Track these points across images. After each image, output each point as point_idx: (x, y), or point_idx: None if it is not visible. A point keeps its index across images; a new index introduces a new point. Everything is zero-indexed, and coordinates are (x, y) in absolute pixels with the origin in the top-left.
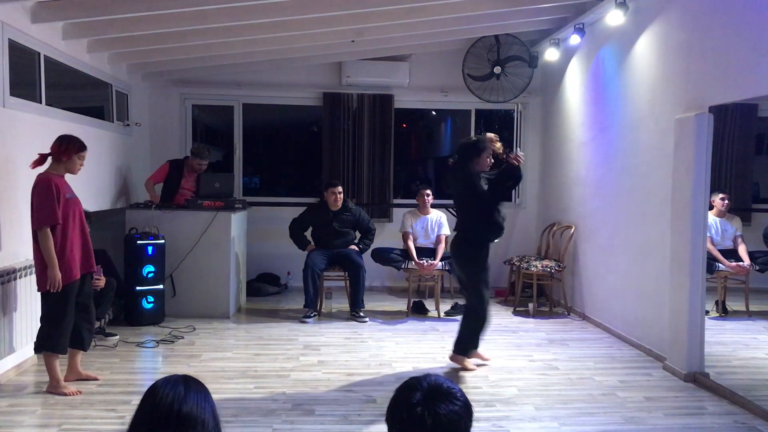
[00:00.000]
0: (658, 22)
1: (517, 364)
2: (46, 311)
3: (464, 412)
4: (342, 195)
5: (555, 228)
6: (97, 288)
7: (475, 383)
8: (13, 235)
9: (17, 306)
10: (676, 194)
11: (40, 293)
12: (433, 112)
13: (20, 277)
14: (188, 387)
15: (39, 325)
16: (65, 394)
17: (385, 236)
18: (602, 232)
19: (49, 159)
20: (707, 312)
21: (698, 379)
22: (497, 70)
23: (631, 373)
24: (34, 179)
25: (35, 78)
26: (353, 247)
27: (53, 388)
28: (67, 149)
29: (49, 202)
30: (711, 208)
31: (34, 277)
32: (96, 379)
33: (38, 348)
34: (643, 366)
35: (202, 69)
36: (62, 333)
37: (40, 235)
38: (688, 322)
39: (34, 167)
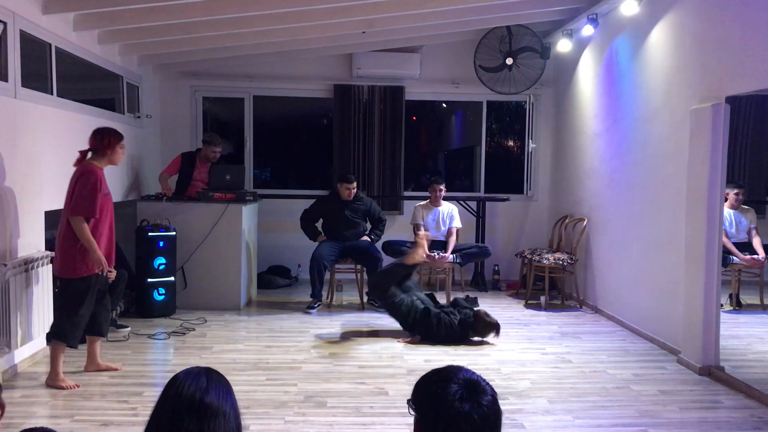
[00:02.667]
0: (674, 12)
1: (529, 357)
2: (62, 301)
3: (496, 404)
4: (354, 191)
5: (567, 220)
6: (108, 280)
7: (487, 376)
8: (27, 225)
9: (33, 296)
10: (691, 186)
11: (58, 281)
12: (444, 104)
13: (37, 267)
14: (210, 379)
15: (54, 315)
16: (62, 387)
17: (396, 228)
18: (615, 224)
19: (89, 153)
20: (721, 305)
21: (713, 372)
22: (509, 61)
23: (645, 367)
24: (79, 168)
25: (47, 69)
26: (365, 238)
27: (51, 380)
28: (110, 141)
29: (93, 195)
30: (725, 200)
31: (49, 267)
32: (116, 369)
33: (50, 337)
34: (657, 359)
35: (213, 61)
36: (76, 325)
37: (75, 222)
38: (703, 315)
39: (77, 165)
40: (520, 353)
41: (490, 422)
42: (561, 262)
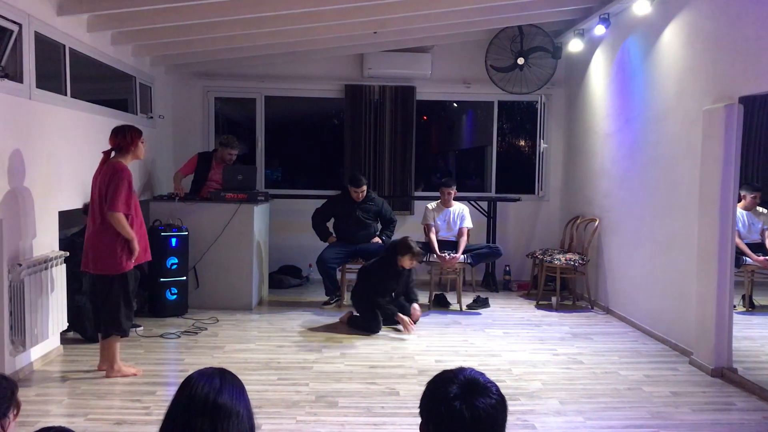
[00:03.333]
0: (687, 12)
1: (541, 358)
2: (110, 297)
3: (500, 406)
4: (364, 194)
5: (579, 221)
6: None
7: (498, 376)
8: (41, 225)
9: (47, 295)
10: (704, 187)
11: (99, 279)
12: (455, 104)
13: (51, 266)
14: (224, 379)
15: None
16: (127, 375)
17: (407, 229)
18: (627, 225)
19: (112, 153)
20: (734, 306)
21: (726, 374)
22: (520, 61)
23: (657, 368)
24: (109, 166)
25: (61, 70)
26: (376, 239)
27: (116, 372)
28: (133, 138)
29: (127, 192)
30: (739, 201)
31: (63, 267)
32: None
33: (107, 333)
34: (669, 360)
35: (225, 61)
36: (128, 316)
37: (115, 218)
38: (716, 316)
39: (103, 165)
40: (532, 354)
41: (482, 424)
42: (572, 263)
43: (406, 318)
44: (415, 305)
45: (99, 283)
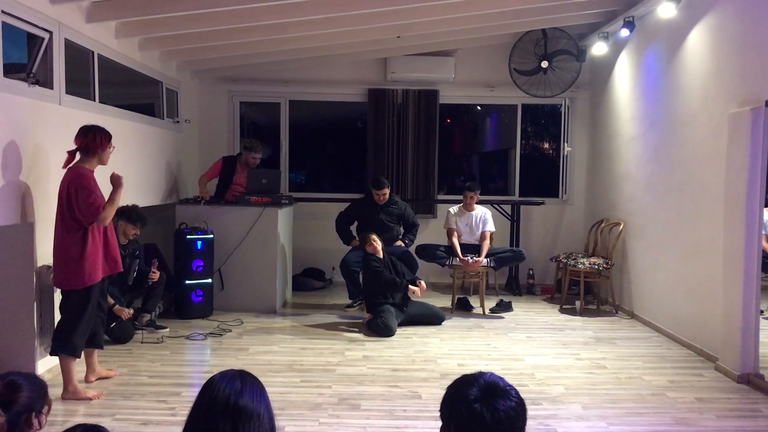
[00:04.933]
0: (712, 14)
1: (564, 363)
2: (67, 313)
3: (520, 409)
4: (387, 196)
5: (603, 225)
6: (151, 281)
7: (521, 381)
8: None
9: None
10: (730, 191)
11: (60, 293)
12: (479, 107)
13: None
14: (245, 381)
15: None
16: (89, 399)
17: (429, 232)
18: (652, 229)
19: (77, 154)
20: (761, 312)
21: (752, 380)
22: (544, 64)
23: (682, 373)
24: (69, 173)
25: (89, 76)
26: (399, 243)
27: (72, 394)
28: (102, 141)
29: (96, 197)
30: (766, 205)
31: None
32: (110, 377)
33: (54, 350)
34: (694, 366)
35: (250, 66)
36: (78, 335)
37: (101, 219)
38: (742, 321)
39: (66, 167)
40: (555, 358)
41: (502, 426)
42: (597, 267)
43: (413, 287)
44: (421, 282)
45: (62, 296)
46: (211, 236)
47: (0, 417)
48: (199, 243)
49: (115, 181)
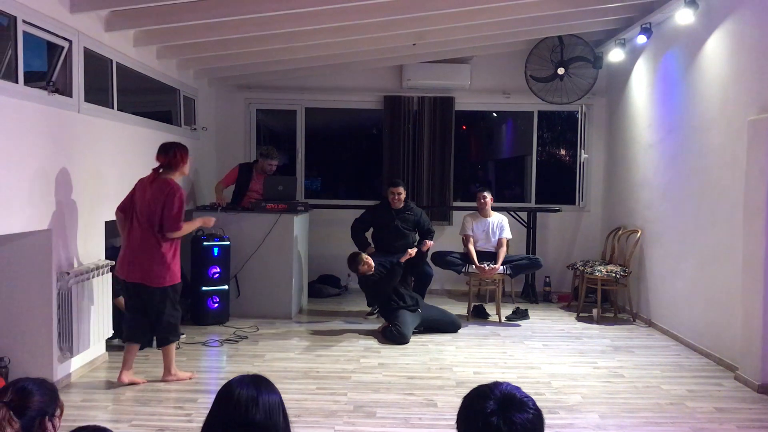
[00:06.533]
0: (731, 21)
1: (581, 371)
2: (168, 307)
3: (538, 421)
4: (403, 196)
5: (620, 232)
6: None
7: (537, 389)
8: (88, 236)
9: (93, 304)
10: (749, 198)
11: (154, 290)
12: (494, 114)
13: (97, 275)
14: (260, 387)
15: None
16: (182, 379)
17: (445, 239)
18: (670, 236)
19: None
20: None
21: None
22: (561, 71)
23: (701, 383)
24: (163, 184)
25: (108, 84)
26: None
27: (172, 376)
28: (182, 156)
29: (183, 211)
30: None
31: (108, 276)
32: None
33: (165, 341)
34: (714, 375)
35: (266, 74)
36: (179, 323)
37: (177, 234)
38: (762, 329)
39: (153, 180)
40: (572, 367)
41: None
42: (614, 275)
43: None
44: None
45: (145, 293)
46: (228, 243)
47: (14, 423)
48: (215, 250)
49: (208, 221)
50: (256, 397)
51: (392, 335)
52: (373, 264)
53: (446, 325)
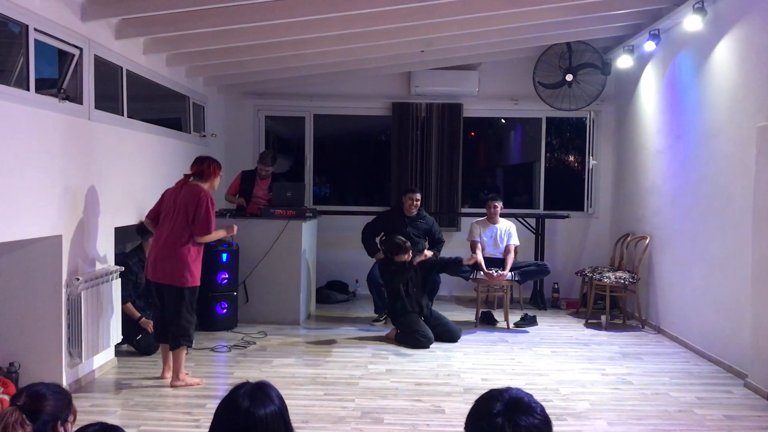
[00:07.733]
0: (740, 27)
1: (589, 378)
2: (181, 308)
3: (544, 426)
4: (419, 203)
5: (629, 238)
6: None
7: (545, 396)
8: (99, 241)
9: (103, 309)
10: (759, 204)
11: (173, 289)
12: (503, 120)
13: (107, 281)
14: (264, 393)
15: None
16: (191, 384)
17: (453, 245)
18: (679, 242)
19: (191, 178)
20: None
21: None
22: (569, 77)
23: (710, 390)
24: (197, 191)
25: (118, 92)
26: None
27: (182, 381)
28: (215, 169)
29: (213, 217)
30: None
31: (117, 282)
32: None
33: (178, 344)
34: (723, 383)
35: (275, 81)
36: (193, 327)
37: (207, 238)
38: None
39: (183, 186)
40: (580, 374)
41: None
42: (622, 281)
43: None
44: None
45: (184, 293)
46: (236, 249)
47: (27, 426)
48: (224, 255)
49: (230, 230)
50: (259, 401)
51: (416, 341)
52: (410, 257)
53: (441, 335)
